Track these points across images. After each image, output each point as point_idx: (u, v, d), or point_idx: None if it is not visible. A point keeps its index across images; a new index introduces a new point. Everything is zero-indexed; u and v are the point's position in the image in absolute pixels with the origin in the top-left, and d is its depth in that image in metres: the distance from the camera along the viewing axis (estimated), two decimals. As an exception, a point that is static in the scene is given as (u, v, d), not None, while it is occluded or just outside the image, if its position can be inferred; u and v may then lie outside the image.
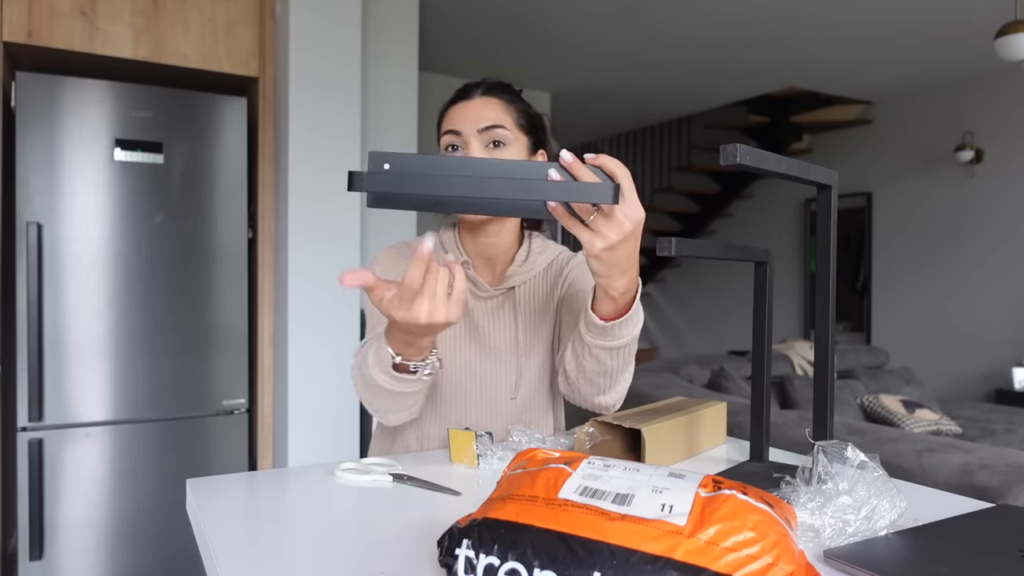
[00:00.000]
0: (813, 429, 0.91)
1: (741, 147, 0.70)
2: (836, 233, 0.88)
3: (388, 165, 0.78)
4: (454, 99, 1.15)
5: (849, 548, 0.68)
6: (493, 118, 1.10)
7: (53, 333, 2.24)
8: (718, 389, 3.13)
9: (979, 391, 5.03)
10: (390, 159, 0.77)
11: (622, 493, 0.56)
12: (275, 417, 2.56)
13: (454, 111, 1.12)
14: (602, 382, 1.04)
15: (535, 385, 1.21)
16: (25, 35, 2.25)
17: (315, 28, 2.42)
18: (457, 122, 1.10)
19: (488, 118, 1.09)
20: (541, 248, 1.22)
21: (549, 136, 1.21)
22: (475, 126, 1.09)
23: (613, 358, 0.99)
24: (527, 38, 4.38)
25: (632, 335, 0.97)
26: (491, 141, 1.09)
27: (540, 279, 1.22)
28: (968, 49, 4.49)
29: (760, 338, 1.00)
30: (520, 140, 1.12)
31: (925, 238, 5.39)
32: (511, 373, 1.19)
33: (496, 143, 1.09)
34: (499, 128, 1.09)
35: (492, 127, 1.09)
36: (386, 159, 0.77)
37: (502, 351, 1.18)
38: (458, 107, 1.12)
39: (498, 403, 1.19)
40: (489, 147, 1.10)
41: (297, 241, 2.40)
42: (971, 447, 1.87)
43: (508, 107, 1.12)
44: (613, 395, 1.08)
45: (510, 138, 1.10)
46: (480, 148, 1.09)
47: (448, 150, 1.11)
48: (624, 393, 1.10)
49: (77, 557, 2.27)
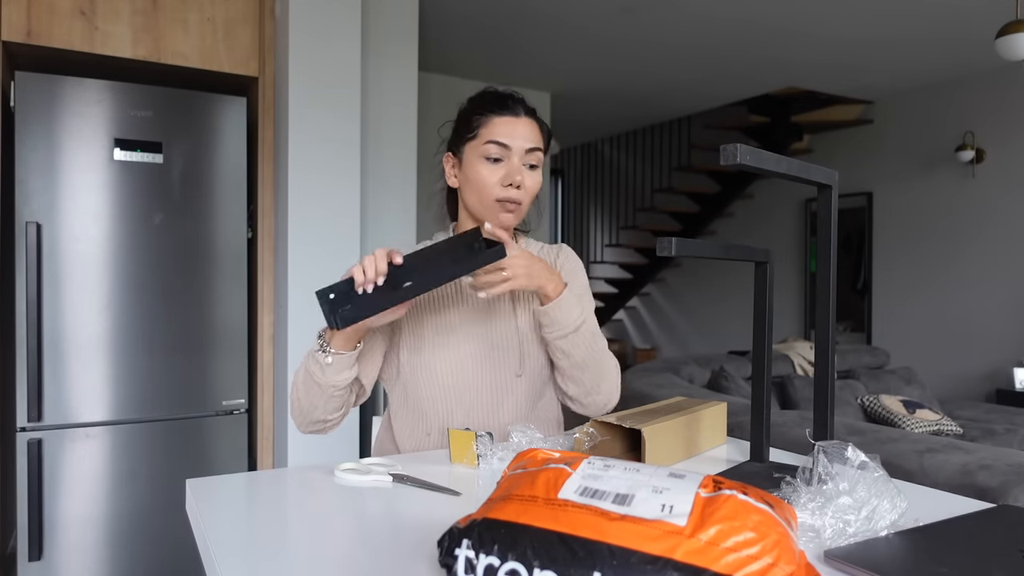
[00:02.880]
0: (814, 429, 0.90)
1: (741, 147, 0.70)
2: (837, 233, 0.87)
3: (332, 295, 1.00)
4: (497, 109, 1.22)
5: (849, 548, 0.68)
6: (536, 141, 1.22)
7: (52, 333, 2.24)
8: (718, 389, 3.13)
9: (980, 391, 5.03)
10: (331, 290, 1.01)
11: (622, 493, 0.56)
12: (275, 417, 2.55)
13: (501, 123, 1.20)
14: (584, 379, 1.19)
15: (540, 361, 1.26)
16: (24, 34, 2.25)
17: (315, 28, 2.42)
18: (506, 136, 1.20)
19: (533, 140, 1.22)
20: (525, 242, 1.35)
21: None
22: (523, 145, 1.20)
23: (574, 346, 1.16)
24: (527, 38, 4.38)
25: (574, 319, 1.14)
26: (530, 164, 1.22)
27: None
28: (968, 49, 4.48)
29: (760, 338, 1.00)
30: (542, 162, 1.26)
31: (925, 238, 5.39)
32: (514, 353, 1.24)
33: (533, 166, 1.22)
34: (539, 151, 1.22)
35: (535, 149, 1.22)
36: (328, 291, 1.00)
37: (504, 336, 1.24)
38: (506, 120, 1.21)
39: (506, 382, 1.24)
40: (527, 167, 1.21)
41: (297, 241, 2.40)
42: (972, 447, 1.86)
43: (542, 132, 1.25)
44: (603, 395, 1.21)
45: (541, 161, 1.24)
46: (520, 165, 1.20)
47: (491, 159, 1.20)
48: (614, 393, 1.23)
49: (76, 557, 2.27)
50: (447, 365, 1.22)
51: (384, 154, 2.92)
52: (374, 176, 2.90)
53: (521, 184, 1.19)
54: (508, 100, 1.23)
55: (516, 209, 1.21)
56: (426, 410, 1.23)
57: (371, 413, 2.70)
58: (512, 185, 1.19)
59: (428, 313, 1.25)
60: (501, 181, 1.19)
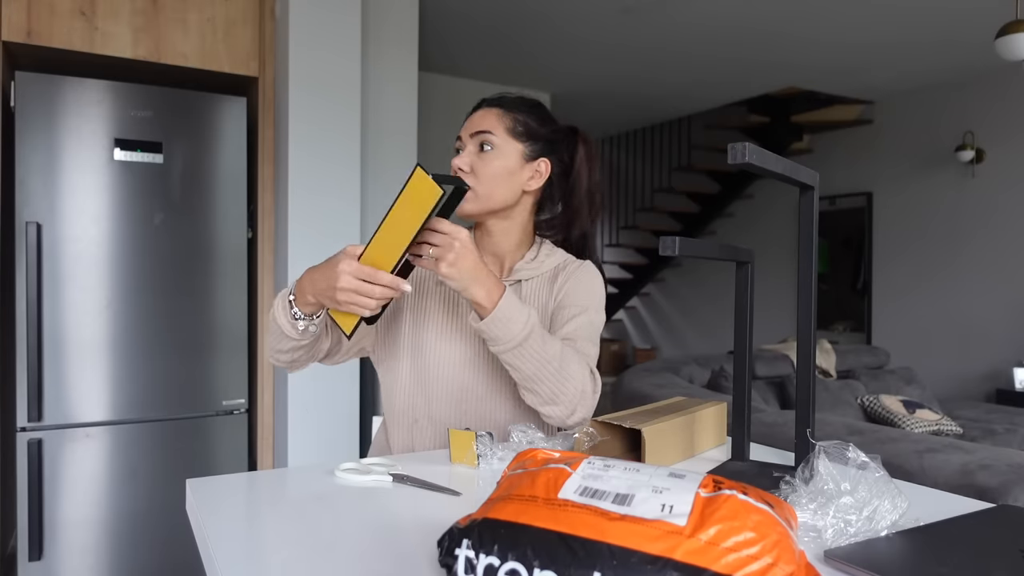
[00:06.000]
0: (796, 428, 0.90)
1: (749, 146, 0.70)
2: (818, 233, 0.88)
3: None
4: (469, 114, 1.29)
5: (850, 548, 0.68)
6: (486, 124, 1.22)
7: (52, 333, 2.24)
8: (718, 389, 3.13)
9: (980, 391, 5.03)
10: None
11: (622, 493, 0.56)
12: (275, 417, 2.55)
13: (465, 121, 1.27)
14: (539, 390, 1.07)
15: None
16: (24, 35, 2.25)
17: (315, 28, 2.42)
18: (462, 130, 1.25)
19: (481, 124, 1.22)
20: (550, 252, 1.30)
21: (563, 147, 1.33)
22: (471, 131, 1.23)
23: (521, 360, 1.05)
24: (527, 38, 4.38)
25: (517, 333, 1.03)
26: (480, 144, 1.21)
27: (546, 279, 1.28)
28: (968, 49, 4.48)
29: (742, 337, 1.00)
30: (511, 146, 1.22)
31: (925, 238, 5.39)
32: None
33: (483, 146, 1.21)
34: (487, 133, 1.21)
35: (481, 132, 1.22)
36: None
37: None
38: (467, 119, 1.27)
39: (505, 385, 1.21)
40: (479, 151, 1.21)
41: (297, 241, 2.40)
42: (972, 447, 1.86)
43: (504, 116, 1.23)
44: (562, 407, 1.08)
45: (497, 143, 1.21)
46: (473, 151, 1.21)
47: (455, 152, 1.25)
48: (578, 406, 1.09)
49: (76, 557, 2.27)
50: (447, 367, 1.21)
51: (384, 154, 2.92)
52: (374, 175, 2.90)
53: (464, 167, 1.19)
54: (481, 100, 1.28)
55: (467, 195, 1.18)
56: (419, 407, 1.23)
57: (371, 413, 2.70)
58: (454, 171, 1.20)
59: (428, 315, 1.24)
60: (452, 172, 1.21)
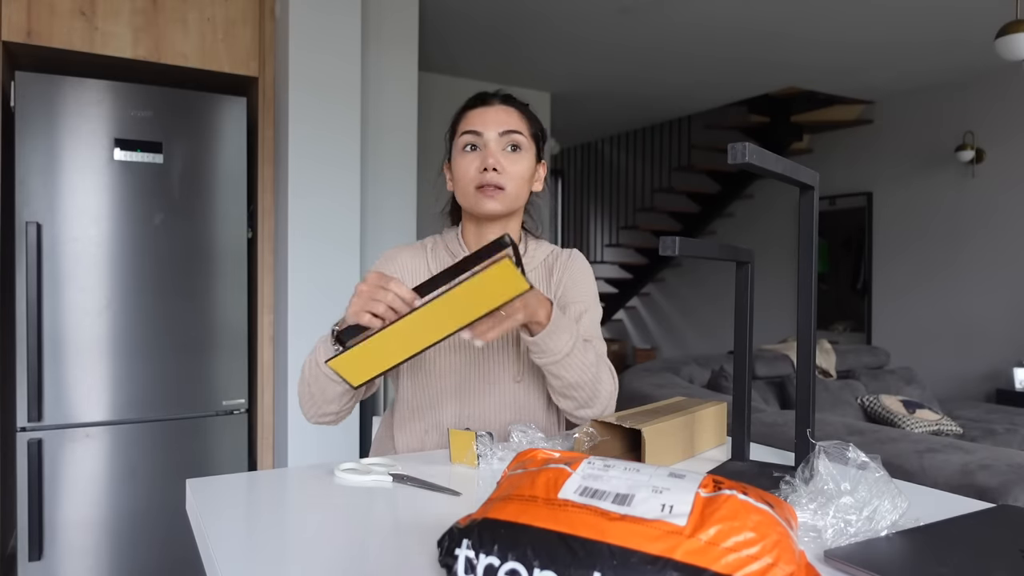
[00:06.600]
0: (796, 428, 0.90)
1: (749, 146, 0.70)
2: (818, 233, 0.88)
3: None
4: (472, 104, 1.21)
5: (850, 548, 0.68)
6: (513, 124, 1.17)
7: (52, 333, 2.24)
8: (718, 389, 3.13)
9: (980, 391, 5.03)
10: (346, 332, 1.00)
11: (622, 493, 0.56)
12: (275, 417, 2.55)
13: (473, 114, 1.19)
14: (578, 395, 1.13)
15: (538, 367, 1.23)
16: (24, 35, 2.25)
17: (315, 28, 2.42)
18: (478, 124, 1.17)
19: (509, 123, 1.17)
20: (536, 243, 1.30)
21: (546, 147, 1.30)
22: (496, 129, 1.16)
23: (566, 370, 1.09)
24: (527, 38, 4.38)
25: (564, 344, 1.07)
26: (510, 144, 1.17)
27: (539, 273, 1.28)
28: (969, 49, 4.48)
29: (742, 337, 1.00)
30: (531, 150, 1.20)
31: (925, 238, 5.39)
32: (513, 357, 1.22)
33: (514, 147, 1.17)
34: (517, 134, 1.17)
35: (511, 132, 1.16)
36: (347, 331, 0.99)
37: (505, 337, 1.22)
38: (477, 111, 1.19)
39: (504, 387, 1.22)
40: (507, 150, 1.17)
41: (297, 241, 2.40)
42: (972, 447, 1.86)
43: (524, 117, 1.21)
44: (596, 408, 1.15)
45: (525, 144, 1.18)
46: (498, 149, 1.16)
47: (467, 149, 1.18)
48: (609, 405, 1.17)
49: (76, 558, 2.26)
50: (448, 366, 1.22)
51: (384, 154, 2.92)
52: (374, 176, 2.90)
53: (498, 167, 1.14)
54: (483, 94, 1.21)
55: (498, 195, 1.15)
56: (425, 410, 1.23)
57: (371, 413, 2.70)
58: (488, 169, 1.14)
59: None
60: (477, 168, 1.15)
